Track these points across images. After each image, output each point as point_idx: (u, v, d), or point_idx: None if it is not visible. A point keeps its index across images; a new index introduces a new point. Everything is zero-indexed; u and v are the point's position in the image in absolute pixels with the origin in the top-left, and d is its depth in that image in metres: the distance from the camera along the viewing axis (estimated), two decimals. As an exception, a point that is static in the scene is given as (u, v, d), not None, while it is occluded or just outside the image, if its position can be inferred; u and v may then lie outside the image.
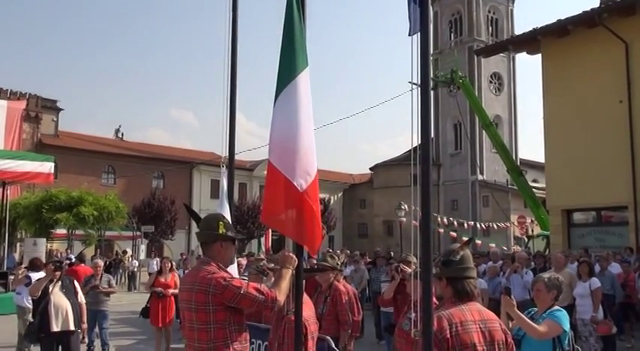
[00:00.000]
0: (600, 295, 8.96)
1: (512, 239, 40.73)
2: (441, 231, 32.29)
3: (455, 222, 32.79)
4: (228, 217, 4.35)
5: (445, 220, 32.80)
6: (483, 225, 35.27)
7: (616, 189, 16.15)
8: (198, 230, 3.81)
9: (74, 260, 14.98)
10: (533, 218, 26.61)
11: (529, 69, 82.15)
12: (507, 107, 51.28)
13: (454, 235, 30.41)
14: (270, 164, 3.82)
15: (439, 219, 32.40)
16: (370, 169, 55.07)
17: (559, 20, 17.62)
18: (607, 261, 12.21)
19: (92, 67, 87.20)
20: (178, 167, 43.82)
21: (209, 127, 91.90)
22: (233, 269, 4.33)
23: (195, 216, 4.04)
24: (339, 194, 56.23)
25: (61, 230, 26.08)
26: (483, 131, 29.59)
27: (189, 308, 3.53)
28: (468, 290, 3.07)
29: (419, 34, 3.00)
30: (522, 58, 58.56)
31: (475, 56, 42.73)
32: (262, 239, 31.59)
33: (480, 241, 30.40)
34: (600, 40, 16.68)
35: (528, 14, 73.13)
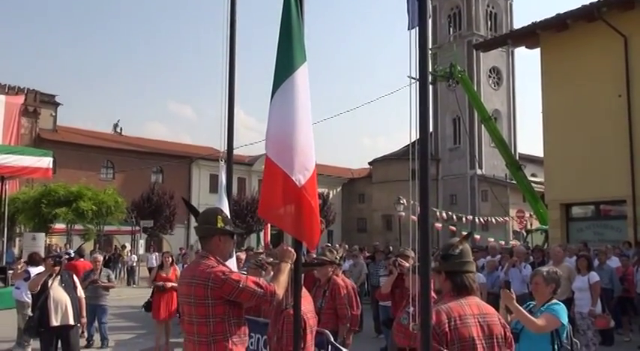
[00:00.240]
0: (599, 289, 8.99)
1: (510, 233, 40.77)
2: (439, 225, 32.31)
3: (454, 216, 32.80)
4: (226, 212, 4.36)
5: (444, 215, 32.83)
6: (482, 219, 35.33)
7: (615, 183, 16.16)
8: (196, 224, 3.82)
9: (73, 255, 14.98)
10: (531, 212, 26.65)
11: (528, 63, 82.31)
12: (506, 102, 51.26)
13: (453, 229, 30.46)
14: (268, 159, 3.82)
15: (438, 213, 32.43)
16: (369, 164, 55.09)
17: (558, 14, 17.59)
18: (605, 255, 12.24)
19: (90, 62, 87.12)
20: (177, 162, 43.81)
21: (208, 122, 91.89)
22: (232, 263, 4.33)
23: (193, 210, 4.05)
24: (338, 189, 56.25)
25: (60, 225, 26.04)
26: (482, 126, 29.62)
27: (188, 302, 3.54)
28: (467, 284, 3.07)
29: (417, 29, 3.00)
30: (521, 53, 58.52)
31: (474, 50, 42.71)
32: (261, 234, 31.58)
33: (479, 236, 30.43)
34: (599, 35, 16.66)
35: (527, 8, 73.22)
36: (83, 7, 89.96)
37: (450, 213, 33.89)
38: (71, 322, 7.28)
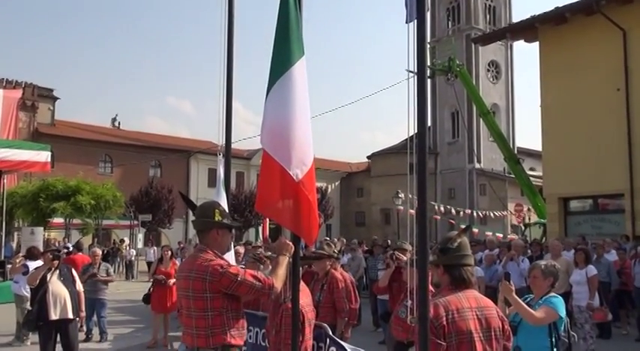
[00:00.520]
0: (596, 283, 9.01)
1: (509, 227, 40.82)
2: (438, 217, 32.35)
3: (452, 210, 32.82)
4: (224, 205, 4.35)
5: (442, 209, 32.85)
6: (480, 213, 35.37)
7: (612, 177, 16.18)
8: (194, 218, 3.82)
9: (72, 249, 14.99)
10: (530, 206, 26.66)
11: (527, 57, 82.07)
12: (505, 95, 51.18)
13: (452, 222, 30.47)
14: (265, 153, 3.80)
15: (436, 207, 32.45)
16: (368, 158, 55.03)
17: (557, 8, 17.57)
18: (603, 248, 12.28)
19: (88, 56, 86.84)
20: (176, 156, 43.74)
21: (206, 116, 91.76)
22: (230, 256, 4.34)
23: (190, 204, 4.05)
24: (337, 183, 56.22)
25: (59, 219, 26.03)
26: (481, 119, 29.58)
27: (186, 296, 3.54)
28: (465, 277, 3.08)
29: (416, 22, 2.98)
30: (520, 46, 58.42)
31: (473, 44, 42.57)
32: (260, 228, 31.58)
33: (477, 230, 30.46)
34: (598, 28, 16.65)
35: (526, 2, 72.90)
36: (82, 2, 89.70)
37: (449, 207, 33.92)
38: (70, 316, 7.29)
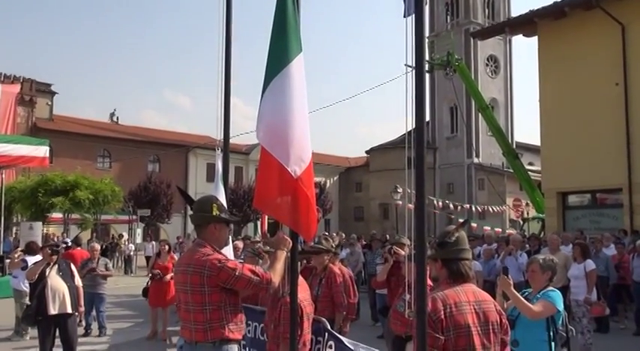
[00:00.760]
0: (595, 277, 9.01)
1: (507, 222, 40.84)
2: (437, 212, 32.33)
3: (450, 205, 32.80)
4: (222, 200, 4.35)
5: (441, 203, 32.83)
6: (479, 208, 35.30)
7: (611, 171, 16.19)
8: (192, 213, 3.82)
9: (70, 244, 14.99)
10: (528, 201, 26.66)
11: (525, 51, 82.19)
12: (503, 90, 51.12)
13: (451, 216, 30.47)
14: (263, 149, 3.80)
15: (435, 202, 32.39)
16: (366, 153, 54.97)
17: (556, 2, 17.53)
18: (602, 243, 12.29)
19: (86, 51, 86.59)
20: (174, 151, 43.71)
21: (205, 111, 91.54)
22: (228, 251, 4.34)
23: (188, 199, 4.05)
24: (335, 177, 56.22)
25: (57, 214, 26.03)
26: (479, 114, 29.52)
27: (184, 290, 3.54)
28: (463, 272, 3.08)
29: (414, 16, 2.98)
30: (519, 41, 58.35)
31: (471, 39, 42.48)
32: (259, 222, 31.60)
33: (476, 224, 30.46)
34: (597, 22, 16.62)
35: (525, -4, 72.81)
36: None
37: (447, 201, 33.90)
38: (69, 311, 7.30)
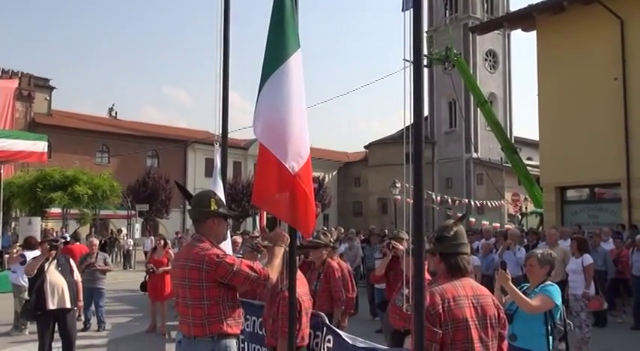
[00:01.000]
0: (592, 272, 9.01)
1: (506, 217, 40.88)
2: (435, 207, 32.38)
3: (449, 200, 32.83)
4: (221, 195, 4.35)
5: (439, 198, 32.86)
6: (477, 202, 35.35)
7: (609, 166, 16.21)
8: (190, 208, 3.82)
9: (69, 239, 14.99)
10: (527, 196, 26.68)
11: (524, 46, 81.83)
12: (502, 85, 51.07)
13: (450, 211, 30.47)
14: (261, 146, 3.80)
15: (433, 197, 32.44)
16: (365, 147, 54.96)
17: (555, -3, 17.51)
18: (600, 237, 12.31)
19: (85, 46, 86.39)
20: (173, 146, 43.68)
21: (204, 106, 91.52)
22: (226, 246, 4.34)
23: (186, 194, 4.04)
24: (334, 172, 56.24)
25: (56, 209, 26.05)
26: (478, 109, 29.52)
27: (182, 285, 3.55)
28: (462, 266, 3.08)
29: (412, 10, 2.97)
30: (517, 35, 58.25)
31: (470, 33, 42.42)
32: (257, 218, 31.58)
33: (474, 219, 30.49)
34: (596, 17, 16.60)
35: (524, -9, 72.66)
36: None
37: (446, 196, 33.93)
38: (68, 306, 7.29)
